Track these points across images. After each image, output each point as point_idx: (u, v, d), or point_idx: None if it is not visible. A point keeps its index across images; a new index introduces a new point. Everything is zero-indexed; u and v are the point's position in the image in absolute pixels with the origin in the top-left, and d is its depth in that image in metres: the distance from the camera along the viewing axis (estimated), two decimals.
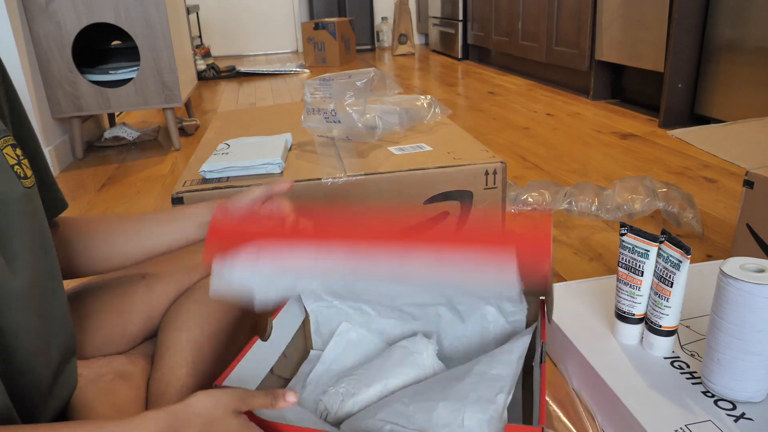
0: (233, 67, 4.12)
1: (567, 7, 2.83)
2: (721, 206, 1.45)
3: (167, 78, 2.10)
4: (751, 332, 0.65)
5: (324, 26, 4.26)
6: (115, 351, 0.76)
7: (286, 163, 1.13)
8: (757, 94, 1.89)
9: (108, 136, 2.36)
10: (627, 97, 2.70)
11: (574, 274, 1.16)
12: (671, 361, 0.77)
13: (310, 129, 1.24)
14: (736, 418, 0.66)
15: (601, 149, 1.97)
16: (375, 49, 5.26)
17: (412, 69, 4.03)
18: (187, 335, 0.73)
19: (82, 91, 2.05)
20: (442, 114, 1.36)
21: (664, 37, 2.15)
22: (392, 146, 1.21)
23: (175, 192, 1.03)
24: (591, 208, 1.38)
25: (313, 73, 4.03)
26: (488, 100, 2.88)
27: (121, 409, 0.64)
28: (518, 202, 1.44)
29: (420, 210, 1.10)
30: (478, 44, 4.00)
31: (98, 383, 0.67)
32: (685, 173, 1.70)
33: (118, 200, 1.71)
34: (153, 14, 2.02)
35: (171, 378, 0.69)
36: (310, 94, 1.19)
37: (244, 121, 1.49)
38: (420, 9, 5.33)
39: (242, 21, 5.24)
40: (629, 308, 0.79)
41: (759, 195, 1.04)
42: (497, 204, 1.13)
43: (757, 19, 1.86)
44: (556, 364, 0.86)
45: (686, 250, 0.71)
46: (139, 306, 0.78)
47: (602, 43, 2.59)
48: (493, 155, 1.14)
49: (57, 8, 1.94)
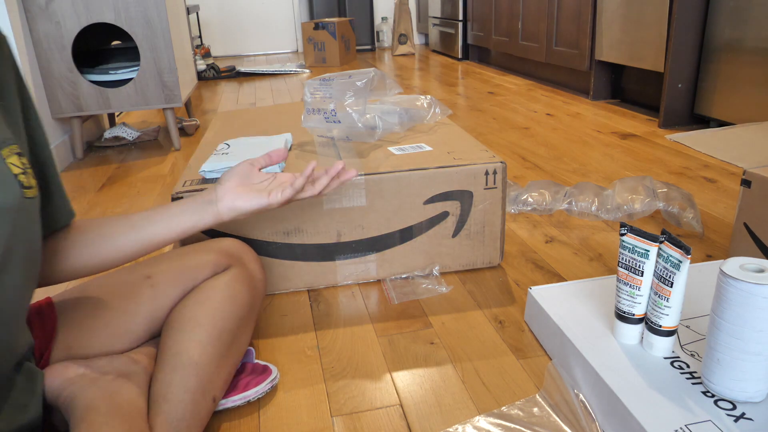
0: (233, 67, 4.12)
1: (567, 7, 2.83)
2: (721, 206, 1.46)
3: (167, 78, 2.10)
4: (750, 332, 0.65)
5: (324, 26, 4.26)
6: (118, 350, 0.76)
7: (286, 164, 1.13)
8: (757, 94, 1.89)
9: (108, 136, 2.35)
10: (627, 97, 2.70)
11: (574, 274, 1.16)
12: (671, 361, 0.77)
13: (310, 129, 1.24)
14: (736, 418, 0.66)
15: (601, 149, 1.97)
16: (375, 49, 5.26)
17: (412, 69, 4.03)
18: (190, 335, 0.73)
19: (82, 91, 2.05)
20: (442, 114, 1.36)
21: (664, 37, 2.15)
22: (392, 146, 1.22)
23: (175, 192, 1.03)
24: (591, 208, 1.38)
25: (313, 73, 4.03)
26: (488, 100, 2.88)
27: (123, 409, 0.64)
28: (518, 202, 1.44)
29: (420, 210, 1.10)
30: (478, 44, 4.00)
31: (100, 383, 0.67)
32: (685, 173, 1.70)
33: (118, 200, 1.71)
34: (153, 14, 2.02)
35: (173, 378, 0.69)
36: (310, 94, 1.19)
37: (244, 121, 1.49)
38: (420, 9, 5.33)
39: (242, 21, 5.24)
40: (629, 308, 0.80)
41: (756, 194, 1.05)
42: (497, 204, 1.13)
43: (757, 19, 1.86)
44: (556, 364, 0.86)
45: (686, 250, 0.71)
46: (143, 306, 0.78)
47: (602, 43, 2.59)
48: (493, 155, 1.14)
49: (57, 8, 1.94)
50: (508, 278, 1.15)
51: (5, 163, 0.55)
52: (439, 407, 0.81)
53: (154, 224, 0.74)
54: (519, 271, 1.18)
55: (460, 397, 0.82)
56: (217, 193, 0.76)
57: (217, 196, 0.76)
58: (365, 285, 1.15)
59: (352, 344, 0.97)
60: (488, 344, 0.94)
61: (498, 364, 0.89)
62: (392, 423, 0.78)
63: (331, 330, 1.01)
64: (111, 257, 0.73)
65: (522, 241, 1.31)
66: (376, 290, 1.13)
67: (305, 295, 1.13)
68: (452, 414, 0.79)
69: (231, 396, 0.80)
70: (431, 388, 0.85)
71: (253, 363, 0.87)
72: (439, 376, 0.87)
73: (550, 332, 0.90)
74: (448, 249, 1.15)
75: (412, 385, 0.86)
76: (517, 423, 0.76)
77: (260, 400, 0.84)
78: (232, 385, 0.82)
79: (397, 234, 1.11)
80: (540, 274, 1.17)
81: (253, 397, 0.82)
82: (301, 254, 1.10)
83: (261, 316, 1.06)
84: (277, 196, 0.74)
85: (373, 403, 0.82)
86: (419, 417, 0.79)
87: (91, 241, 0.72)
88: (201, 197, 0.77)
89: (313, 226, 1.08)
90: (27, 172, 0.57)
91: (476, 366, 0.89)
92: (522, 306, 1.05)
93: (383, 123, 1.23)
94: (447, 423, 0.78)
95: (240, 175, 0.78)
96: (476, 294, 1.10)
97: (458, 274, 1.17)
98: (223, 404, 0.80)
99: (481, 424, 0.76)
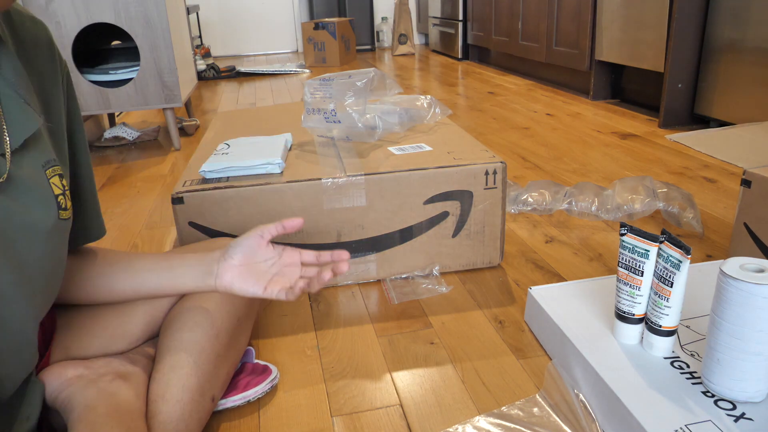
0: (233, 67, 4.12)
1: (567, 7, 2.83)
2: (721, 206, 1.46)
3: (167, 78, 2.10)
4: (751, 332, 0.65)
5: (324, 26, 4.26)
6: (116, 351, 0.76)
7: (286, 163, 1.13)
8: (757, 94, 1.89)
9: (108, 136, 2.35)
10: (627, 97, 2.70)
11: (574, 274, 1.16)
12: (671, 361, 0.77)
13: (310, 129, 1.24)
14: (736, 418, 0.66)
15: (601, 149, 1.97)
16: (375, 49, 5.26)
17: (412, 69, 4.03)
18: (188, 336, 0.73)
19: (82, 91, 2.05)
20: (442, 114, 1.36)
21: (664, 37, 2.15)
22: (392, 146, 1.21)
23: (175, 192, 1.03)
24: (591, 208, 1.38)
25: (313, 73, 4.03)
26: (488, 100, 2.88)
27: (121, 410, 0.64)
28: (518, 202, 1.44)
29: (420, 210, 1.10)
30: (478, 44, 4.00)
31: (99, 383, 0.67)
32: (685, 173, 1.70)
33: (118, 200, 1.71)
34: (153, 14, 2.02)
35: (172, 378, 0.69)
36: (310, 94, 1.19)
37: (244, 121, 1.49)
38: (420, 9, 5.33)
39: (242, 21, 5.24)
40: (629, 308, 0.80)
41: (756, 194, 1.05)
42: (497, 204, 1.13)
43: (757, 19, 1.86)
44: (556, 364, 0.86)
45: (686, 250, 0.71)
46: (142, 307, 0.78)
47: (602, 43, 2.59)
48: (493, 155, 1.14)
49: (57, 8, 1.94)
50: (508, 278, 1.15)
51: (49, 184, 0.57)
52: (439, 407, 0.81)
53: (155, 278, 0.75)
54: (519, 271, 1.18)
55: (460, 397, 0.82)
56: (219, 268, 0.74)
57: (218, 271, 0.74)
58: (365, 285, 1.15)
59: (352, 344, 0.97)
60: (488, 344, 0.94)
61: (498, 364, 0.89)
62: (392, 423, 0.78)
63: (331, 330, 1.01)
64: (104, 297, 0.75)
65: (522, 241, 1.31)
66: (376, 290, 1.13)
67: (305, 294, 1.13)
68: (452, 414, 0.79)
69: (231, 396, 0.80)
70: (431, 388, 0.85)
71: (253, 363, 0.87)
72: (439, 376, 0.87)
73: (550, 332, 0.90)
74: (448, 249, 1.15)
75: (412, 385, 0.86)
76: (517, 423, 0.76)
77: (260, 400, 0.84)
78: (231, 385, 0.82)
79: (397, 234, 1.11)
80: (540, 274, 1.17)
81: (253, 397, 0.81)
82: None
83: (261, 316, 1.06)
84: (272, 292, 0.73)
85: (373, 403, 0.82)
86: (419, 417, 0.79)
87: (87, 278, 0.74)
88: (205, 263, 0.75)
89: (313, 226, 1.08)
90: (65, 194, 0.59)
91: (476, 366, 0.89)
92: (522, 306, 1.05)
93: (383, 123, 1.23)
94: (447, 423, 0.78)
95: (246, 252, 0.74)
96: (476, 294, 1.10)
97: (458, 274, 1.17)
98: (223, 404, 0.80)
99: (481, 424, 0.76)
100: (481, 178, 1.11)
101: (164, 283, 0.75)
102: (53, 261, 0.59)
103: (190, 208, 1.04)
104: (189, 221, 1.04)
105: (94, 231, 0.76)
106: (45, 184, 0.57)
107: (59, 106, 0.65)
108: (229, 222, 1.05)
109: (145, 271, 0.75)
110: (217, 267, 0.74)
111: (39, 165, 0.57)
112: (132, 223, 1.53)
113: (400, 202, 1.09)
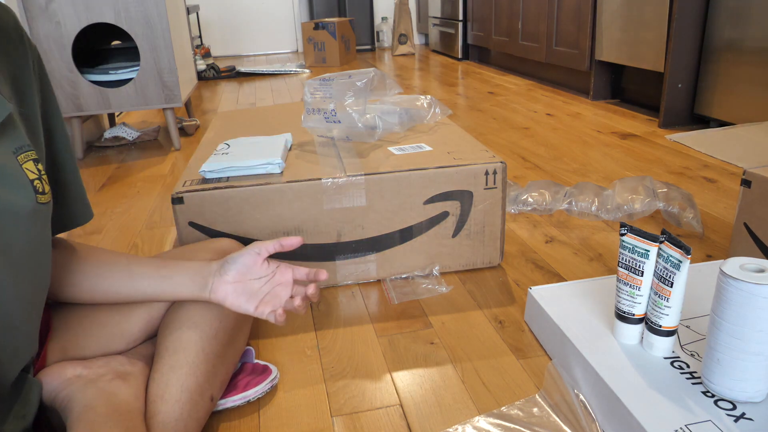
0: (233, 67, 4.12)
1: (567, 7, 2.83)
2: (721, 206, 1.46)
3: (167, 78, 2.10)
4: (751, 332, 0.65)
5: (324, 26, 4.26)
6: (115, 351, 0.76)
7: (286, 163, 1.13)
8: (757, 94, 1.89)
9: (108, 136, 2.35)
10: (627, 97, 2.69)
11: (574, 274, 1.16)
12: (671, 361, 0.77)
13: (310, 129, 1.24)
14: (736, 418, 0.66)
15: (601, 149, 1.97)
16: (375, 49, 5.26)
17: (412, 69, 4.03)
18: (187, 335, 0.73)
19: (82, 91, 2.05)
20: (442, 114, 1.36)
21: (664, 37, 2.15)
22: (392, 146, 1.21)
23: (175, 192, 1.03)
24: (591, 208, 1.38)
25: (313, 73, 4.03)
26: (488, 100, 2.88)
27: (121, 410, 0.64)
28: (518, 202, 1.44)
29: (420, 210, 1.10)
30: (478, 44, 4.00)
31: (97, 383, 0.67)
32: (685, 173, 1.70)
33: (118, 200, 1.71)
34: (153, 14, 2.02)
35: (170, 378, 0.69)
36: (310, 94, 1.19)
37: (244, 121, 1.49)
38: (420, 9, 5.33)
39: (242, 21, 5.24)
40: (629, 308, 0.80)
41: (756, 194, 1.05)
42: (497, 204, 1.13)
43: (757, 19, 1.86)
44: (556, 364, 0.86)
45: (686, 250, 0.71)
46: (140, 306, 0.78)
47: (602, 43, 2.59)
48: (493, 155, 1.14)
49: (57, 8, 1.94)
50: (508, 278, 1.15)
51: (21, 169, 0.56)
52: (439, 407, 0.81)
53: (152, 285, 0.75)
54: (519, 271, 1.18)
55: (460, 397, 0.82)
56: (214, 283, 0.75)
57: (212, 285, 0.75)
58: (365, 285, 1.15)
59: (352, 344, 0.96)
60: (488, 344, 0.94)
61: (498, 364, 0.89)
62: (392, 423, 0.78)
63: (331, 330, 1.01)
64: (101, 297, 0.75)
65: (522, 241, 1.31)
66: (376, 290, 1.13)
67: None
68: (452, 414, 0.79)
69: (231, 396, 0.80)
70: (431, 388, 0.85)
71: (253, 363, 0.87)
72: (439, 376, 0.87)
73: (550, 332, 0.90)
74: (448, 249, 1.15)
75: (412, 385, 0.86)
76: (517, 423, 0.76)
77: (260, 400, 0.84)
78: (231, 385, 0.82)
79: (397, 234, 1.11)
80: (540, 274, 1.17)
81: (253, 397, 0.81)
82: (301, 254, 1.10)
83: None
84: (263, 312, 0.74)
85: (373, 403, 0.82)
86: (419, 417, 0.79)
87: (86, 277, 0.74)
88: (202, 275, 0.75)
89: (313, 226, 1.08)
90: (42, 178, 0.59)
91: (476, 366, 0.89)
92: (522, 306, 1.05)
93: (383, 123, 1.23)
94: (447, 423, 0.78)
95: (241, 270, 0.75)
96: (476, 294, 1.10)
97: (458, 274, 1.17)
98: (223, 404, 0.80)
99: (481, 424, 0.76)
100: (481, 178, 1.11)
101: (161, 291, 0.75)
102: (36, 245, 0.58)
103: (190, 208, 1.04)
104: (189, 221, 1.04)
105: (79, 215, 0.74)
106: (18, 170, 0.56)
107: (31, 91, 0.64)
108: (229, 222, 1.05)
109: (144, 277, 0.75)
110: (212, 281, 0.75)
111: (10, 152, 0.56)
112: (132, 223, 1.53)
113: (400, 202, 1.09)
